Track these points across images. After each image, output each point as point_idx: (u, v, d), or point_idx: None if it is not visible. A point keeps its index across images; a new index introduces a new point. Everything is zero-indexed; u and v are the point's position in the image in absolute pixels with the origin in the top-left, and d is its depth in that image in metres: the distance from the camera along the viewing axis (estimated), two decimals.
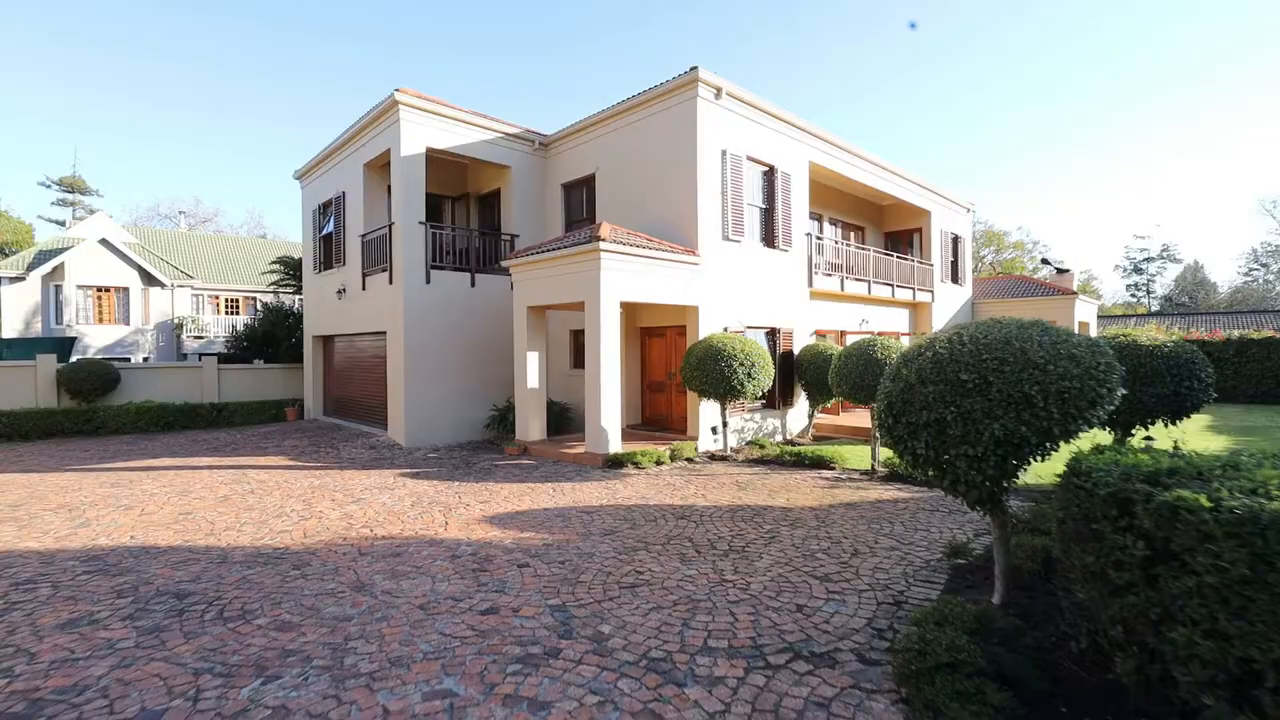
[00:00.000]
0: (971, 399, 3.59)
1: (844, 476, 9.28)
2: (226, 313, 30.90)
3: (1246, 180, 71.26)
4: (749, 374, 10.47)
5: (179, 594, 4.60)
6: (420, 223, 12.75)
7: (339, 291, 15.36)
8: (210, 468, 10.33)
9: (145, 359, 27.20)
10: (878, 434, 4.22)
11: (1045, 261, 27.47)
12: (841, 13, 79.85)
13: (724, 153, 12.10)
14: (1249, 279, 54.15)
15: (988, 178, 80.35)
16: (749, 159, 12.81)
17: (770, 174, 13.39)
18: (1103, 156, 78.43)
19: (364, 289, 14.27)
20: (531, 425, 11.81)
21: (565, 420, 13.33)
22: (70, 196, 53.01)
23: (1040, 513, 5.64)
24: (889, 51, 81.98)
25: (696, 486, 8.54)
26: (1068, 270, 24.80)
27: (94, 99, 69.36)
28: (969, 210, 22.90)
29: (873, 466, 9.49)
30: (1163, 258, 57.63)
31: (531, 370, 11.77)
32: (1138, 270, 58.89)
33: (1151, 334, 6.71)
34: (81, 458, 11.54)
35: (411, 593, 4.59)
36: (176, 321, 28.26)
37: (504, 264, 12.12)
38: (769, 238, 13.40)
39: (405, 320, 12.45)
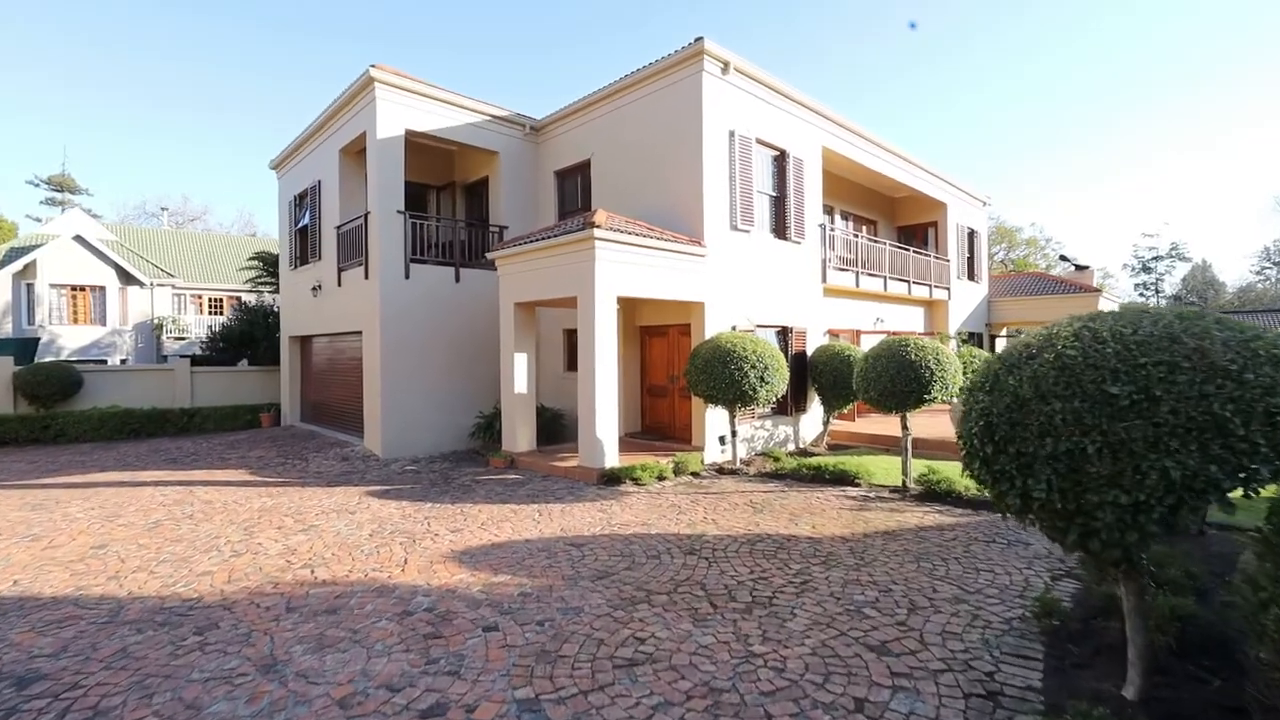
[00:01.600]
0: (1127, 422, 2.45)
1: (872, 495, 8.14)
2: (210, 313, 29.72)
3: (1252, 179, 70.18)
4: (761, 378, 9.33)
5: (23, 679, 3.45)
6: (399, 212, 11.61)
7: (314, 288, 14.21)
8: (157, 484, 9.18)
9: (123, 361, 26.03)
10: (965, 465, 3.07)
11: (1064, 258, 26.28)
12: (841, 13, 78.85)
13: (732, 134, 10.96)
14: (1261, 278, 53.04)
15: (987, 178, 79.26)
16: (759, 142, 11.67)
17: (781, 159, 12.25)
18: (1102, 157, 77.33)
19: (340, 285, 13.11)
20: (519, 434, 10.66)
21: (558, 428, 12.17)
22: (59, 195, 51.88)
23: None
24: (889, 52, 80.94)
25: (705, 508, 7.40)
26: (1087, 267, 23.67)
27: (91, 98, 68.23)
28: (985, 204, 21.79)
29: (904, 483, 8.34)
30: (1172, 256, 56.44)
31: (519, 373, 10.63)
32: (1146, 269, 57.68)
33: None
34: (22, 471, 10.38)
35: (335, 675, 3.44)
36: (156, 322, 27.06)
37: (489, 256, 10.97)
38: (780, 229, 12.26)
39: (381, 318, 11.29)
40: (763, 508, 7.41)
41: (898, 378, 7.93)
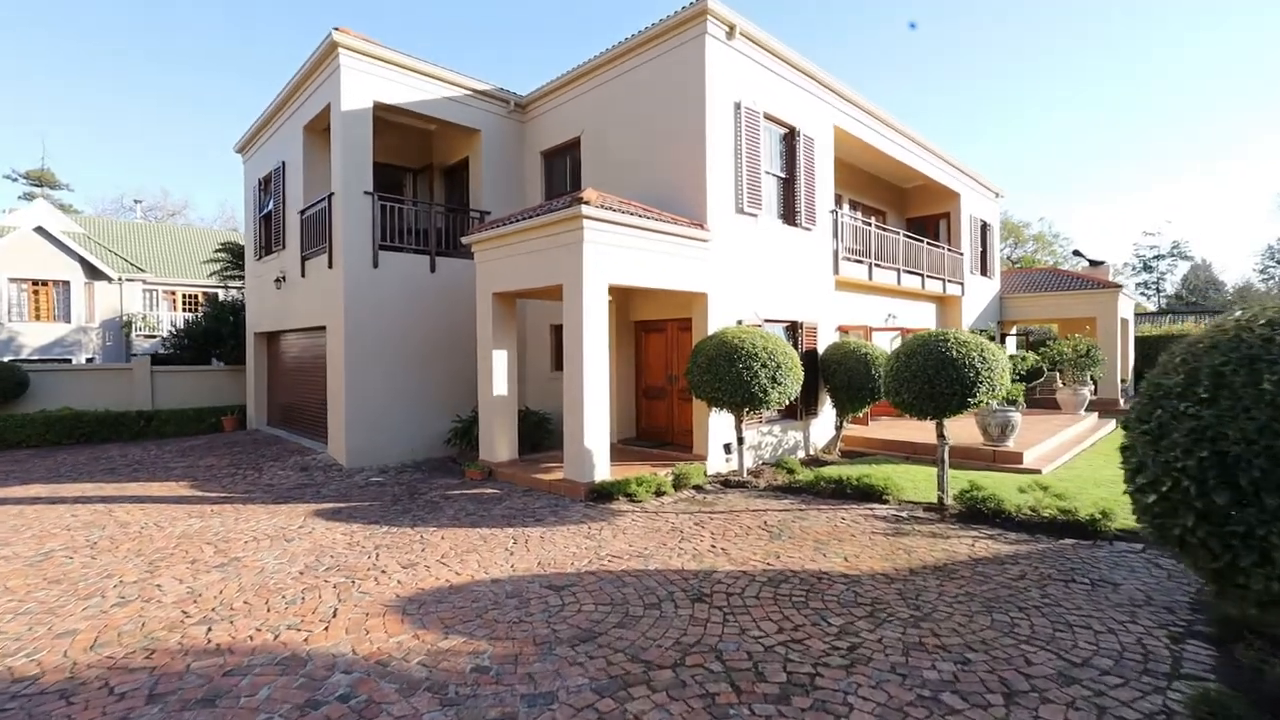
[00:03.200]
0: None
1: (905, 514, 6.99)
2: (185, 309, 28.30)
3: (1261, 177, 69.48)
4: (773, 378, 8.18)
5: None
6: (366, 193, 10.38)
7: (277, 280, 12.95)
8: (76, 500, 7.93)
9: (89, 360, 24.62)
10: (1151, 518, 1.86)
11: (1077, 253, 25.21)
12: (840, 12, 77.91)
13: (737, 106, 9.80)
14: (1264, 276, 52.34)
15: (990, 174, 78.26)
16: (767, 117, 10.51)
17: (791, 137, 11.10)
18: (1104, 156, 76.66)
19: (303, 275, 11.87)
20: (498, 442, 9.45)
21: (544, 433, 10.97)
22: (38, 190, 50.35)
23: None
24: (888, 51, 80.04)
25: (712, 533, 6.22)
26: (1102, 263, 22.58)
27: (79, 94, 66.49)
28: (998, 196, 20.77)
29: (940, 500, 7.18)
30: (1173, 255, 55.75)
31: (498, 373, 9.43)
32: (1147, 269, 57.01)
33: None
34: None
35: None
36: (125, 319, 25.64)
37: (466, 240, 9.76)
38: (789, 214, 11.11)
39: (346, 309, 10.06)
40: (780, 532, 6.25)
41: (937, 378, 6.78)
